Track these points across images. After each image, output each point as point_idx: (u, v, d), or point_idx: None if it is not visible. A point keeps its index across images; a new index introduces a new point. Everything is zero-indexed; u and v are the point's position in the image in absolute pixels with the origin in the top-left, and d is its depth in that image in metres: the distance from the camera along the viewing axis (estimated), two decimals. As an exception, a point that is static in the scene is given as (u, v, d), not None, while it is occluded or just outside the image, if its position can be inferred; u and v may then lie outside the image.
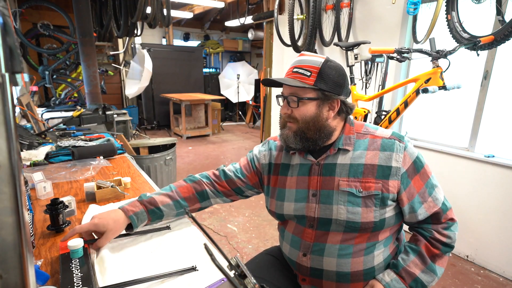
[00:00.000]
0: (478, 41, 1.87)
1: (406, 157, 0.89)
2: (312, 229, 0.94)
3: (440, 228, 0.91)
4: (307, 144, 0.93)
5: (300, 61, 0.92)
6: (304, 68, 0.90)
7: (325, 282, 0.94)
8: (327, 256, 0.92)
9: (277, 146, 1.09)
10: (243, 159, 1.14)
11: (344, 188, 0.89)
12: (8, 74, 0.28)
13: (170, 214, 1.03)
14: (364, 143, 0.93)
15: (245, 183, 1.10)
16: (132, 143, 2.90)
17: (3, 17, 0.28)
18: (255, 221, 2.87)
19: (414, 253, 0.92)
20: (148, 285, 0.77)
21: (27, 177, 1.29)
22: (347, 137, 0.94)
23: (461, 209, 2.32)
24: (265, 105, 4.08)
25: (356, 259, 0.90)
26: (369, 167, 0.89)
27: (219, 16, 7.40)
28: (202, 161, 4.74)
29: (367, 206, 0.88)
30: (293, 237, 0.99)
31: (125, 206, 0.97)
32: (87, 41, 3.32)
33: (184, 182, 1.09)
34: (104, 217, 0.92)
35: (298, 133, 0.92)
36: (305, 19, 3.09)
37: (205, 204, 1.10)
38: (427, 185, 0.91)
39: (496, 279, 2.13)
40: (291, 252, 1.00)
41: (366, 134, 0.95)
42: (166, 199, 1.02)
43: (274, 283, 1.03)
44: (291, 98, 0.92)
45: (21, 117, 2.83)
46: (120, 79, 6.52)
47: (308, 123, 0.91)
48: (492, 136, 2.26)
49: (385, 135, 0.93)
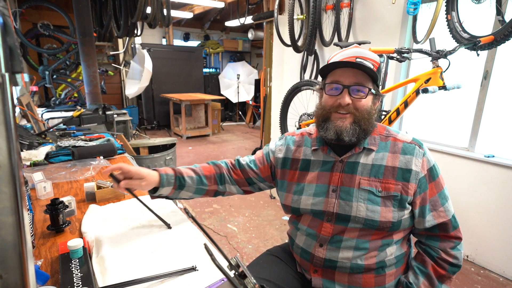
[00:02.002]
0: (478, 41, 1.87)
1: (424, 162, 0.91)
2: (330, 222, 0.95)
3: (448, 248, 0.92)
4: (362, 135, 0.91)
5: (362, 52, 0.92)
6: (368, 61, 0.90)
7: (338, 273, 0.95)
8: (343, 248, 0.93)
9: (295, 141, 1.08)
10: (259, 151, 1.16)
11: (364, 187, 0.91)
12: (8, 74, 0.28)
13: (191, 188, 1.06)
14: (386, 145, 0.94)
15: (257, 175, 1.11)
16: (132, 143, 2.90)
17: (3, 17, 0.28)
18: (255, 221, 2.87)
19: (423, 275, 0.93)
20: (148, 285, 0.77)
21: (27, 177, 1.29)
22: (372, 137, 0.95)
23: (461, 209, 2.32)
24: (265, 105, 4.08)
25: (371, 253, 0.92)
26: (389, 168, 0.91)
27: (219, 16, 7.40)
28: (202, 161, 4.73)
29: (386, 206, 0.89)
30: (308, 229, 0.99)
31: (158, 168, 1.03)
32: (87, 41, 3.32)
33: (207, 164, 1.13)
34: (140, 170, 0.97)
35: (357, 123, 0.90)
36: (305, 19, 3.09)
37: (222, 188, 1.12)
38: (440, 195, 0.92)
39: (496, 279, 2.13)
40: (307, 242, 1.00)
41: (388, 136, 0.96)
42: (191, 172, 1.06)
43: (279, 283, 1.02)
44: (357, 88, 0.90)
45: (21, 117, 2.83)
46: (120, 79, 6.52)
47: (367, 114, 0.91)
48: (492, 136, 2.26)
49: (406, 140, 0.94)
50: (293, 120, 3.15)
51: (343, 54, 0.93)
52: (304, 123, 2.89)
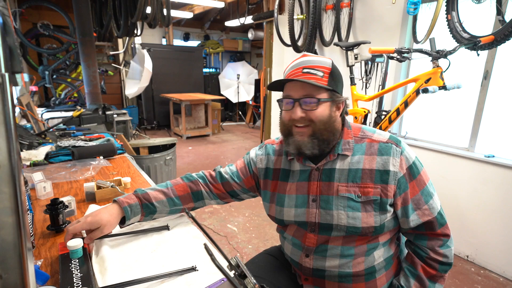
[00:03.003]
0: (478, 41, 1.87)
1: (402, 161, 0.88)
2: (314, 233, 0.93)
3: (436, 246, 0.90)
4: (323, 146, 0.90)
5: (309, 61, 0.89)
6: (316, 69, 0.87)
7: (328, 282, 0.94)
8: (329, 257, 0.92)
9: (276, 150, 1.06)
10: (240, 161, 1.12)
11: (343, 194, 0.89)
12: (8, 74, 0.28)
13: (163, 211, 1.03)
14: (362, 147, 0.91)
15: (241, 187, 1.09)
16: (132, 143, 2.90)
17: (3, 17, 0.28)
18: (255, 221, 2.87)
19: (413, 277, 0.92)
20: (148, 285, 0.77)
21: (27, 177, 1.28)
22: (346, 141, 0.93)
23: (461, 209, 2.32)
24: (265, 105, 4.08)
25: (358, 260, 0.91)
26: (367, 172, 0.88)
27: (219, 16, 7.40)
28: (202, 161, 4.74)
29: (367, 211, 0.87)
30: (293, 239, 0.99)
31: (120, 198, 0.98)
32: (87, 41, 3.32)
33: (181, 180, 1.09)
34: (96, 213, 0.92)
35: (316, 136, 0.88)
36: (305, 19, 3.09)
37: (198, 204, 1.09)
38: (422, 192, 0.89)
39: (496, 279, 2.13)
40: (294, 252, 1.00)
41: (363, 138, 0.93)
42: (160, 195, 1.02)
43: (275, 283, 1.03)
44: (307, 100, 0.87)
45: (21, 117, 2.83)
46: (120, 79, 6.52)
47: (325, 124, 0.88)
48: (492, 136, 2.26)
49: (382, 139, 0.91)
50: (293, 120, 3.15)
51: (292, 66, 0.91)
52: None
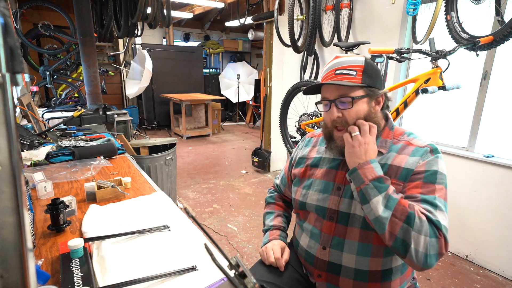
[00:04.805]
0: (477, 41, 1.88)
1: (425, 163, 0.87)
2: (332, 221, 0.95)
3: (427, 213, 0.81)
4: None
5: (341, 62, 0.92)
6: (348, 69, 0.91)
7: (342, 279, 0.94)
8: (346, 252, 0.92)
9: (313, 141, 1.14)
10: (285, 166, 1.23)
11: None
12: (8, 74, 0.28)
13: None
14: (397, 147, 0.93)
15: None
16: (133, 143, 2.90)
17: (4, 17, 0.28)
18: (255, 221, 2.87)
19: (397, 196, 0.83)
20: (148, 285, 0.78)
21: (27, 177, 1.29)
22: (384, 140, 0.95)
23: (461, 209, 2.32)
24: (265, 105, 4.08)
25: (375, 259, 0.91)
26: (394, 168, 0.89)
27: (219, 17, 7.40)
28: (202, 161, 4.74)
29: None
30: (313, 229, 1.00)
31: (271, 237, 1.12)
32: (88, 41, 3.32)
33: (274, 204, 1.26)
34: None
35: None
36: (305, 20, 3.09)
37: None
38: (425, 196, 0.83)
39: (495, 279, 2.13)
40: (310, 244, 1.00)
41: (402, 140, 0.94)
42: (281, 219, 1.19)
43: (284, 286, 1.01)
44: (342, 100, 0.90)
45: (22, 117, 2.84)
46: (121, 79, 6.53)
47: (365, 119, 0.91)
48: (491, 136, 2.26)
49: (420, 144, 0.91)
50: (293, 120, 3.15)
51: (325, 70, 0.96)
52: (304, 123, 2.89)
